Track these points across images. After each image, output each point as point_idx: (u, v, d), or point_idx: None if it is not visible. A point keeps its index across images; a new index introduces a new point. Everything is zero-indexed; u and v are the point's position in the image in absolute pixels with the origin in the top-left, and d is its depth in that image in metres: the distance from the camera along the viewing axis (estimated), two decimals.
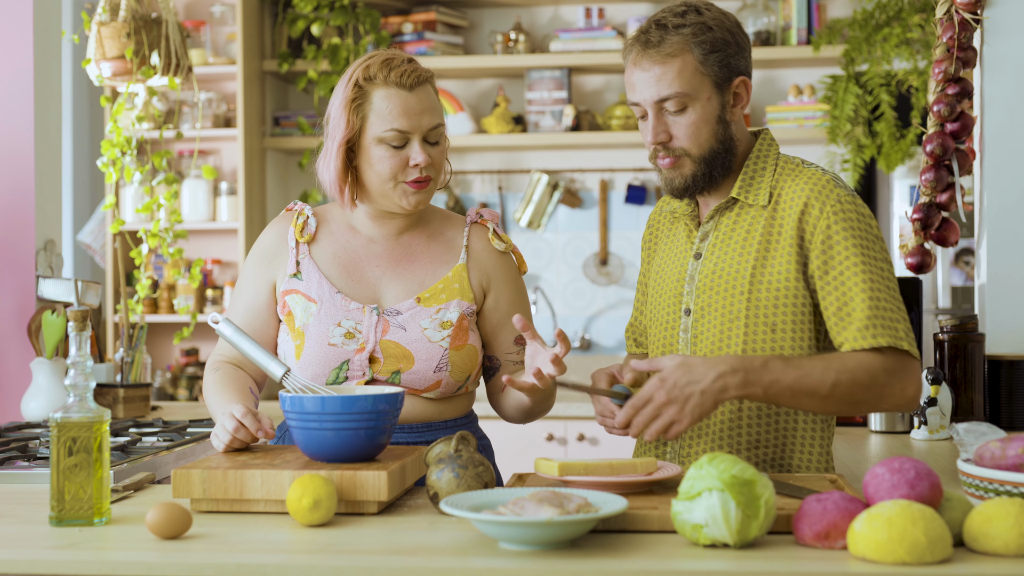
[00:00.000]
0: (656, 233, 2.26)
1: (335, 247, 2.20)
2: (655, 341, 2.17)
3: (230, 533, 1.68)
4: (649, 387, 1.85)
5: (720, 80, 2.03)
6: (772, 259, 2.03)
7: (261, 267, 2.21)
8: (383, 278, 2.18)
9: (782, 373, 1.88)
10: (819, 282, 2.00)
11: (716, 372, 1.85)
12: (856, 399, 1.93)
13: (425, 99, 2.11)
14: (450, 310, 2.15)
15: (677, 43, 2.01)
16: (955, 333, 2.77)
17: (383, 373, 2.11)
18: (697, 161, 2.05)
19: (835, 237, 1.99)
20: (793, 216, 2.03)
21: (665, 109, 2.03)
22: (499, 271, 2.22)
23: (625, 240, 5.10)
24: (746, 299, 2.03)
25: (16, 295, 3.19)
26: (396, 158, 2.10)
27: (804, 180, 2.05)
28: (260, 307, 2.20)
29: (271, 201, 5.21)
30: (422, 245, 2.21)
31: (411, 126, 2.09)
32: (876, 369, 1.92)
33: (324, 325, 2.12)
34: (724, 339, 2.05)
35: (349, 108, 2.10)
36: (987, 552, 1.50)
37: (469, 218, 2.25)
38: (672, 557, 1.52)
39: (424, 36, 4.96)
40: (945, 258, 4.81)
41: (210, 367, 2.20)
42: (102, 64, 3.49)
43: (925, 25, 4.35)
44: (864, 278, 1.96)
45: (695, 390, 1.84)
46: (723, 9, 2.08)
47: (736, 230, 2.08)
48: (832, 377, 1.90)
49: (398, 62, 2.11)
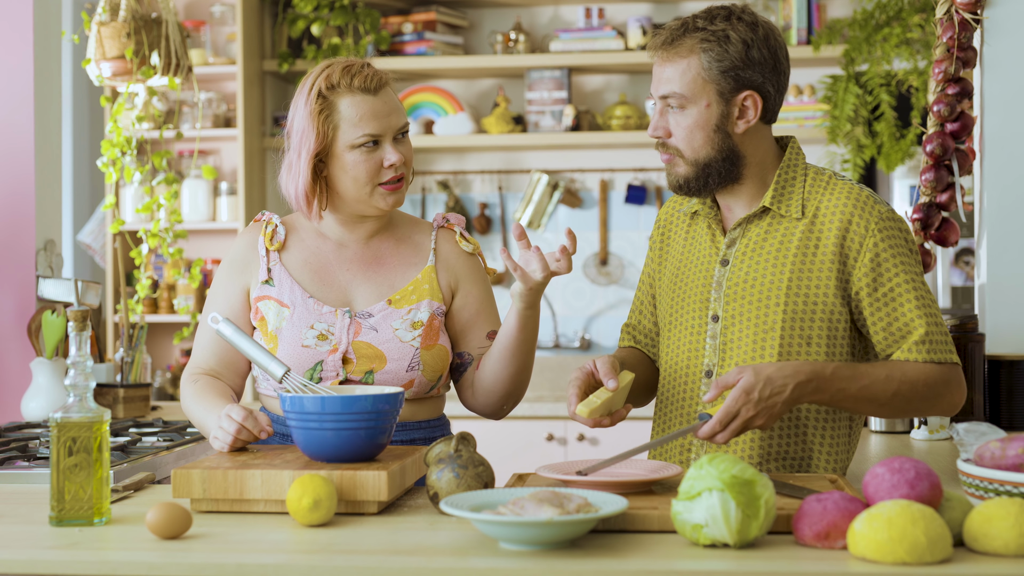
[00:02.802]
0: (668, 232, 2.25)
1: (305, 253, 2.22)
2: (676, 345, 2.14)
3: (230, 533, 1.68)
4: (735, 403, 1.89)
5: (725, 90, 2.03)
6: (810, 272, 2.05)
7: (233, 276, 2.23)
8: (354, 281, 2.20)
9: (849, 382, 1.96)
10: (867, 299, 2.04)
11: (795, 382, 1.91)
12: (912, 407, 2.03)
13: (390, 100, 2.15)
14: (420, 310, 2.17)
15: (687, 46, 2.04)
16: (955, 333, 2.77)
17: (356, 373, 2.13)
18: (690, 164, 2.07)
19: (883, 255, 2.03)
20: (834, 231, 2.04)
21: (668, 106, 2.06)
22: (467, 271, 2.25)
23: (625, 240, 5.10)
24: (781, 310, 2.04)
25: (16, 295, 3.19)
26: (371, 161, 2.12)
27: (843, 195, 2.06)
28: (235, 314, 2.21)
29: (271, 201, 5.21)
30: (391, 249, 2.23)
31: (382, 128, 2.12)
32: (935, 380, 2.01)
33: (297, 328, 2.14)
34: (758, 349, 2.05)
35: (317, 119, 2.11)
36: (987, 552, 1.50)
37: (436, 223, 2.28)
38: (672, 557, 1.52)
39: (424, 36, 4.96)
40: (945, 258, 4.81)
41: (188, 379, 2.19)
42: (102, 64, 3.49)
43: (925, 25, 4.34)
44: (916, 295, 2.03)
45: (778, 400, 1.90)
46: (762, 22, 2.06)
47: (769, 240, 2.08)
48: (893, 387, 1.98)
49: (358, 67, 2.13)
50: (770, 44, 2.05)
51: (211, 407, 2.07)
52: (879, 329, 2.04)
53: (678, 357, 2.13)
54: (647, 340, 2.27)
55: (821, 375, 1.93)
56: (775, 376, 1.90)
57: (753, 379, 1.89)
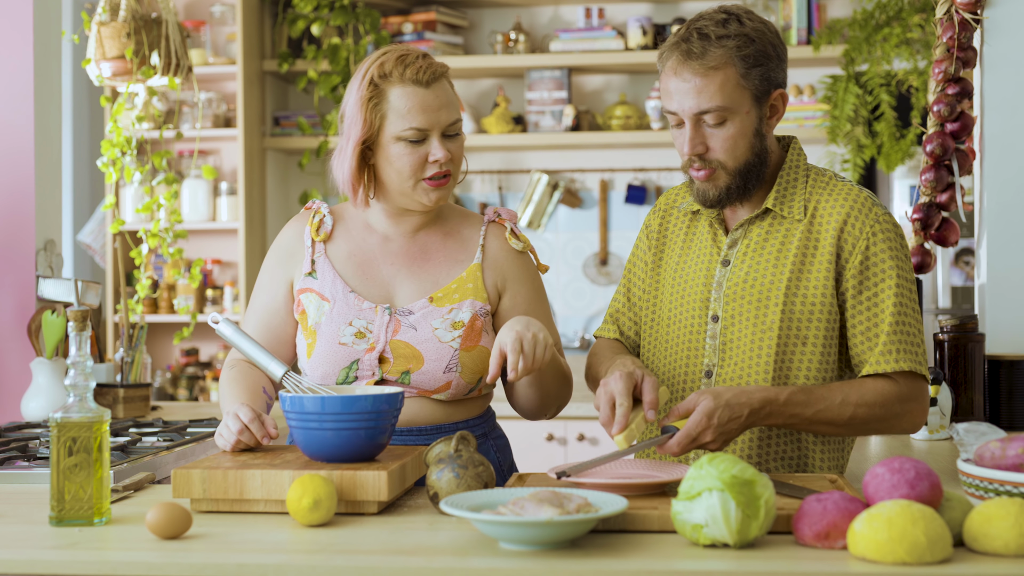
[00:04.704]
0: (667, 226, 2.21)
1: (350, 245, 2.18)
2: (675, 343, 2.13)
3: (230, 533, 1.68)
4: (696, 426, 1.90)
5: (759, 93, 2.01)
6: (808, 273, 2.04)
7: (278, 267, 2.21)
8: (397, 276, 2.16)
9: (803, 407, 1.97)
10: (851, 300, 2.03)
11: (749, 409, 1.94)
12: (869, 428, 2.03)
13: (442, 94, 2.10)
14: (462, 310, 2.12)
15: (720, 56, 1.98)
16: (955, 333, 2.77)
17: (392, 373, 2.10)
18: (732, 174, 2.03)
19: (873, 258, 2.02)
20: (831, 231, 2.04)
21: (703, 121, 2.00)
22: (515, 271, 2.20)
23: (625, 240, 5.10)
24: (780, 311, 2.04)
25: (16, 295, 3.19)
26: (415, 155, 2.08)
27: (843, 196, 2.06)
28: (278, 306, 2.19)
29: (271, 201, 5.21)
30: (438, 243, 2.19)
31: (430, 123, 2.07)
32: (891, 400, 2.01)
33: (335, 324, 2.11)
34: (755, 350, 2.05)
35: (366, 107, 2.07)
36: (987, 552, 1.50)
37: (487, 217, 2.23)
38: (672, 557, 1.52)
39: (424, 36, 4.96)
40: (945, 258, 4.81)
41: (227, 364, 2.20)
42: (102, 64, 3.49)
43: (925, 25, 4.35)
44: (895, 301, 2.01)
45: (734, 427, 1.93)
46: (763, 18, 2.05)
47: (770, 241, 2.07)
48: (849, 412, 1.98)
49: (412, 58, 2.08)
50: (780, 40, 2.05)
51: (231, 399, 2.07)
52: (857, 333, 2.04)
53: (677, 355, 2.13)
54: (630, 329, 2.23)
55: (775, 401, 1.94)
56: (733, 402, 1.92)
57: (713, 404, 1.90)
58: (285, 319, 2.19)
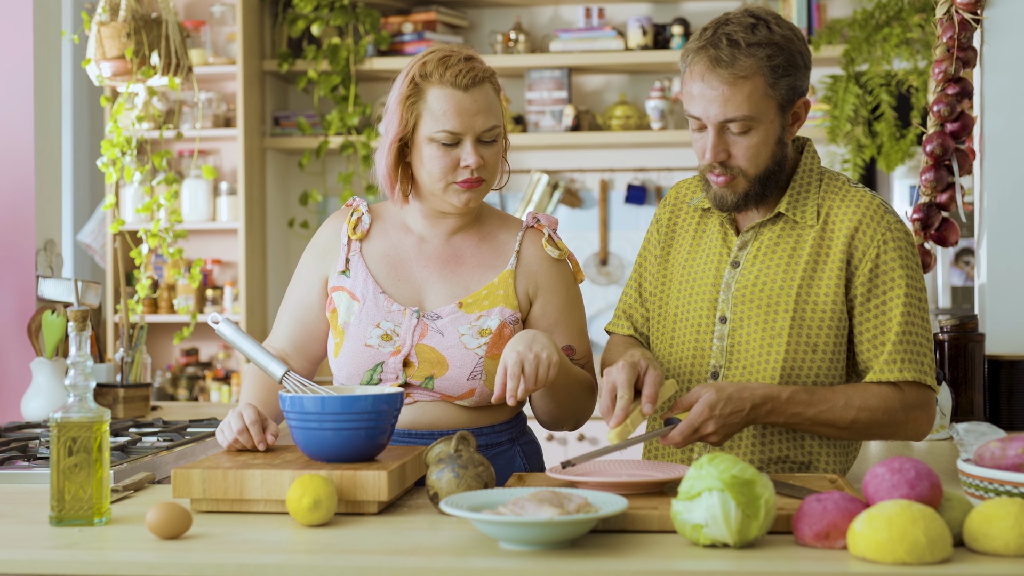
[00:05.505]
0: (676, 220, 2.19)
1: (386, 245, 2.18)
2: (681, 341, 2.12)
3: (230, 533, 1.68)
4: (699, 416, 1.91)
5: (785, 102, 1.99)
6: (820, 279, 2.03)
7: (315, 263, 2.21)
8: (429, 279, 2.15)
9: (805, 407, 1.97)
10: (859, 307, 2.03)
11: (751, 404, 1.94)
12: (872, 433, 2.03)
13: (481, 99, 2.07)
14: (491, 318, 2.11)
15: (750, 65, 1.95)
16: (955, 333, 2.77)
17: (416, 377, 2.09)
18: (752, 180, 2.01)
19: (883, 266, 2.01)
20: (843, 238, 2.03)
21: (728, 129, 1.98)
22: (549, 278, 2.17)
23: (625, 240, 5.10)
24: (790, 317, 2.03)
25: (16, 295, 3.19)
26: (447, 158, 2.06)
27: (855, 202, 2.04)
28: (312, 303, 2.20)
29: (271, 201, 5.21)
30: (472, 247, 2.17)
31: (463, 127, 2.05)
32: (895, 407, 2.00)
33: (363, 325, 2.11)
34: (764, 354, 2.04)
35: (404, 105, 2.07)
36: (987, 552, 1.50)
37: (526, 222, 2.20)
38: (672, 557, 1.52)
39: (424, 36, 4.96)
40: (945, 258, 4.81)
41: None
42: (102, 64, 3.49)
43: (925, 25, 4.35)
44: (904, 310, 2.01)
45: (735, 420, 1.93)
46: (790, 23, 2.01)
47: (781, 245, 2.06)
48: (851, 415, 1.98)
49: (455, 60, 2.06)
50: (806, 46, 2.02)
51: (245, 394, 2.08)
52: (864, 340, 2.03)
53: (683, 354, 2.11)
54: (643, 325, 2.22)
55: (777, 398, 1.95)
56: (735, 395, 1.92)
57: (715, 396, 1.91)
58: (318, 315, 2.20)
